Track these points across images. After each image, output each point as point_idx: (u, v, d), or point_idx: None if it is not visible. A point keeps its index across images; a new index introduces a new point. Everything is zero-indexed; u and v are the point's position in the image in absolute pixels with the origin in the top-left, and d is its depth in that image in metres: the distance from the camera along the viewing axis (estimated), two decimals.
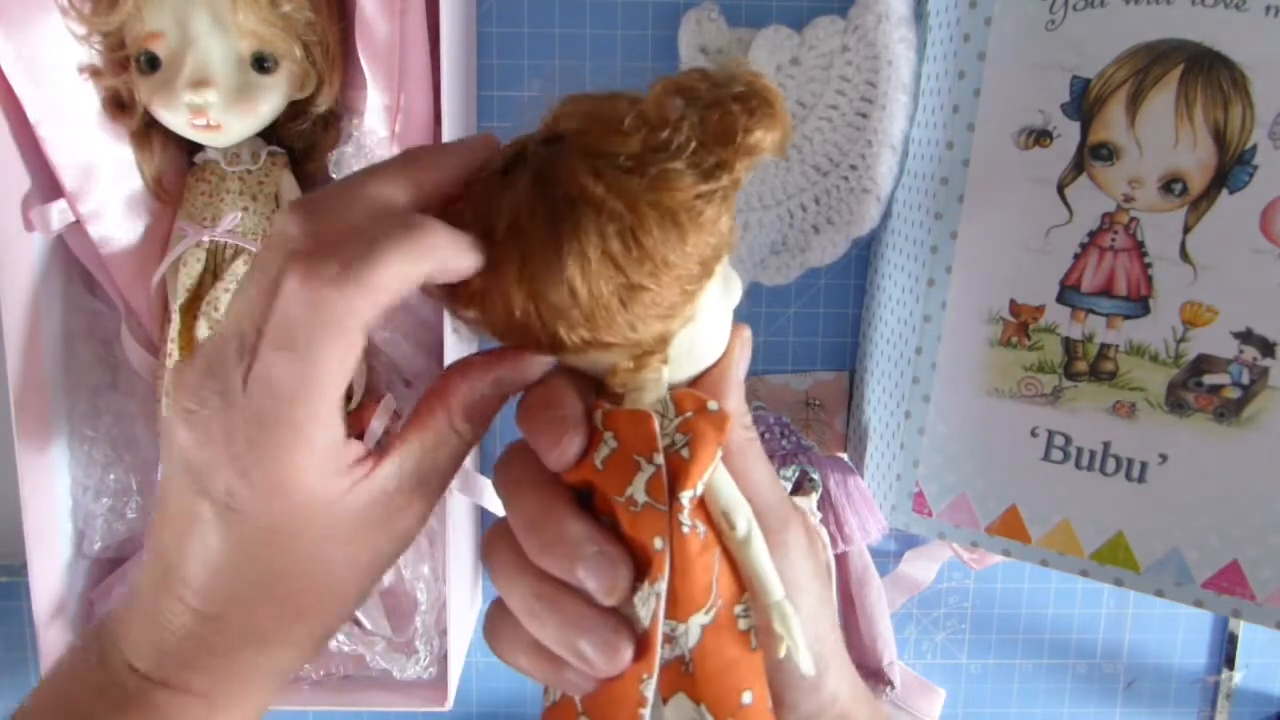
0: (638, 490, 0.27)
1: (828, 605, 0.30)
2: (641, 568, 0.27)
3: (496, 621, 0.29)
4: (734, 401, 0.29)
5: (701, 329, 0.28)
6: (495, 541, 0.29)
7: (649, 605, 0.27)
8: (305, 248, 0.25)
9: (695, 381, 0.29)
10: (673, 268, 0.26)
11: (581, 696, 0.29)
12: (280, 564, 0.27)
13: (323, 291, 0.24)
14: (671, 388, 0.28)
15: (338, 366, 0.25)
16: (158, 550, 0.28)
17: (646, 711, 0.27)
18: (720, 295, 0.29)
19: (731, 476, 0.28)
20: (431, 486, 0.29)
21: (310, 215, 0.25)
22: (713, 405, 0.28)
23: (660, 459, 0.27)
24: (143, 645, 0.28)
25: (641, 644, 0.27)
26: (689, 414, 0.28)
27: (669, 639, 0.27)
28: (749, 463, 0.29)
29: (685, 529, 0.27)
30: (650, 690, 0.27)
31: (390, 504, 0.28)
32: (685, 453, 0.27)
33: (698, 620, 0.27)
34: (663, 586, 0.27)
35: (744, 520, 0.28)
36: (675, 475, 0.27)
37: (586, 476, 0.28)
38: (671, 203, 0.25)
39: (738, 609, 0.28)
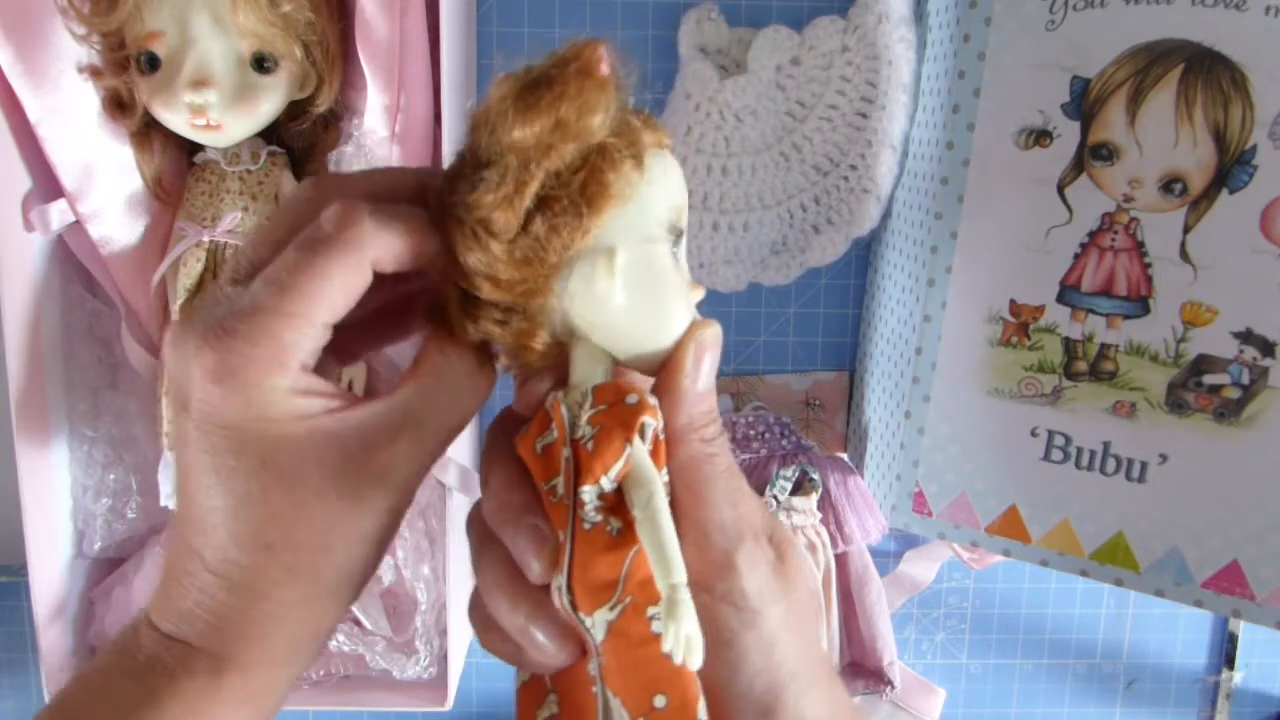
0: (559, 481, 0.27)
1: (797, 631, 0.28)
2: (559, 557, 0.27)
3: (474, 601, 0.30)
4: (685, 408, 0.27)
5: (618, 308, 0.27)
6: (472, 517, 0.30)
7: (558, 596, 0.27)
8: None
9: (654, 384, 0.28)
10: (472, 209, 0.26)
11: (550, 674, 0.29)
12: (271, 505, 0.27)
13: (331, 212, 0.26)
14: (609, 382, 0.28)
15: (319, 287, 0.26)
16: (176, 509, 0.29)
17: (597, 690, 0.27)
18: (649, 271, 0.27)
19: (684, 489, 0.27)
20: (426, 428, 0.28)
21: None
22: (631, 399, 0.27)
23: (568, 452, 0.27)
24: (165, 606, 0.29)
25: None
26: (602, 407, 0.27)
27: (586, 631, 0.27)
28: (703, 477, 0.28)
29: (587, 525, 0.27)
30: (595, 670, 0.27)
31: (370, 437, 0.27)
32: (589, 446, 0.27)
33: (602, 616, 0.26)
34: (562, 580, 0.27)
35: (641, 503, 0.26)
36: (577, 469, 0.27)
37: (529, 461, 0.28)
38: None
39: (653, 610, 0.27)
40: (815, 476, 0.59)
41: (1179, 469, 0.50)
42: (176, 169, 0.57)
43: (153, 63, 0.51)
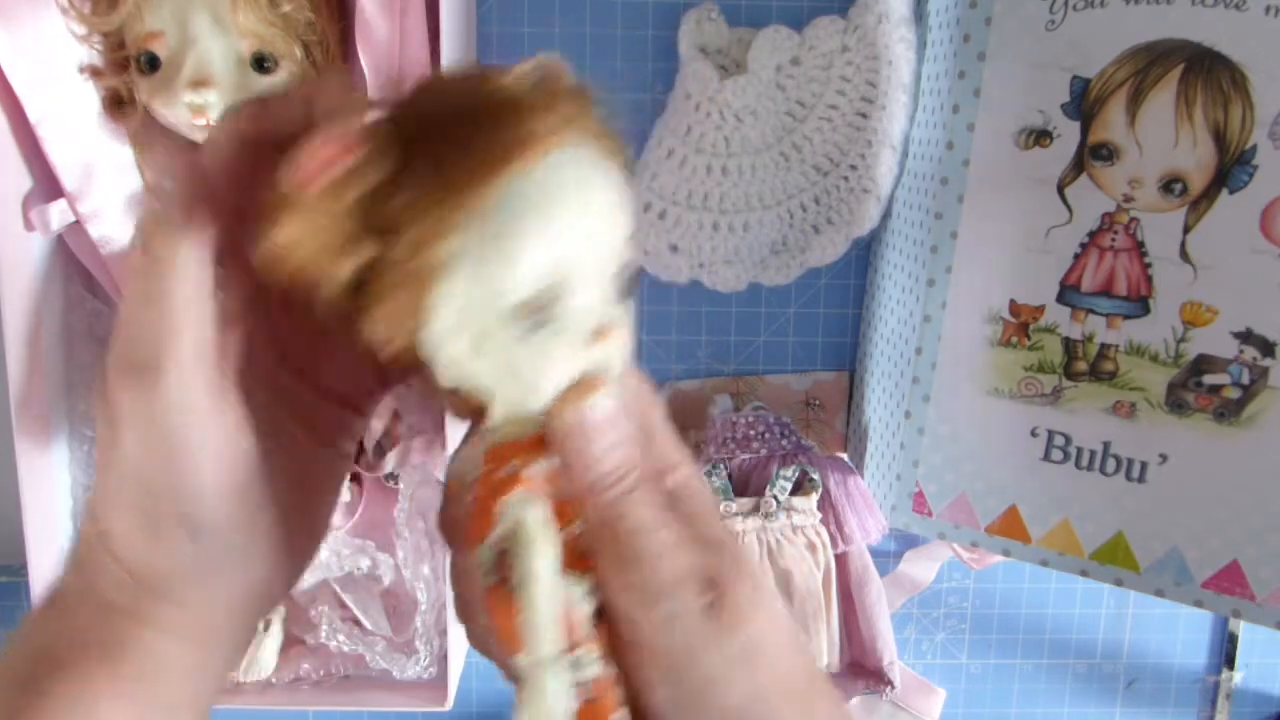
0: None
1: (747, 666, 0.26)
2: None
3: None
4: (580, 474, 0.25)
5: (478, 385, 0.25)
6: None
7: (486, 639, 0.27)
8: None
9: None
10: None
11: None
12: (152, 451, 0.25)
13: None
14: (501, 444, 0.26)
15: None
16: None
17: None
18: (496, 354, 0.24)
19: (598, 550, 0.26)
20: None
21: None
22: (507, 469, 0.25)
23: (460, 512, 0.27)
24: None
25: None
26: (485, 469, 0.26)
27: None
28: (614, 539, 0.26)
29: (486, 583, 0.26)
30: None
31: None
32: (471, 509, 0.26)
33: (520, 661, 0.26)
34: (483, 623, 0.27)
35: (516, 573, 0.25)
36: (462, 531, 0.27)
37: None
38: None
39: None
40: (815, 476, 0.59)
41: (1179, 469, 0.50)
42: None
43: (153, 63, 0.51)
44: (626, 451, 0.26)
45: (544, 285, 0.23)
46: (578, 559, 0.26)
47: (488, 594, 0.26)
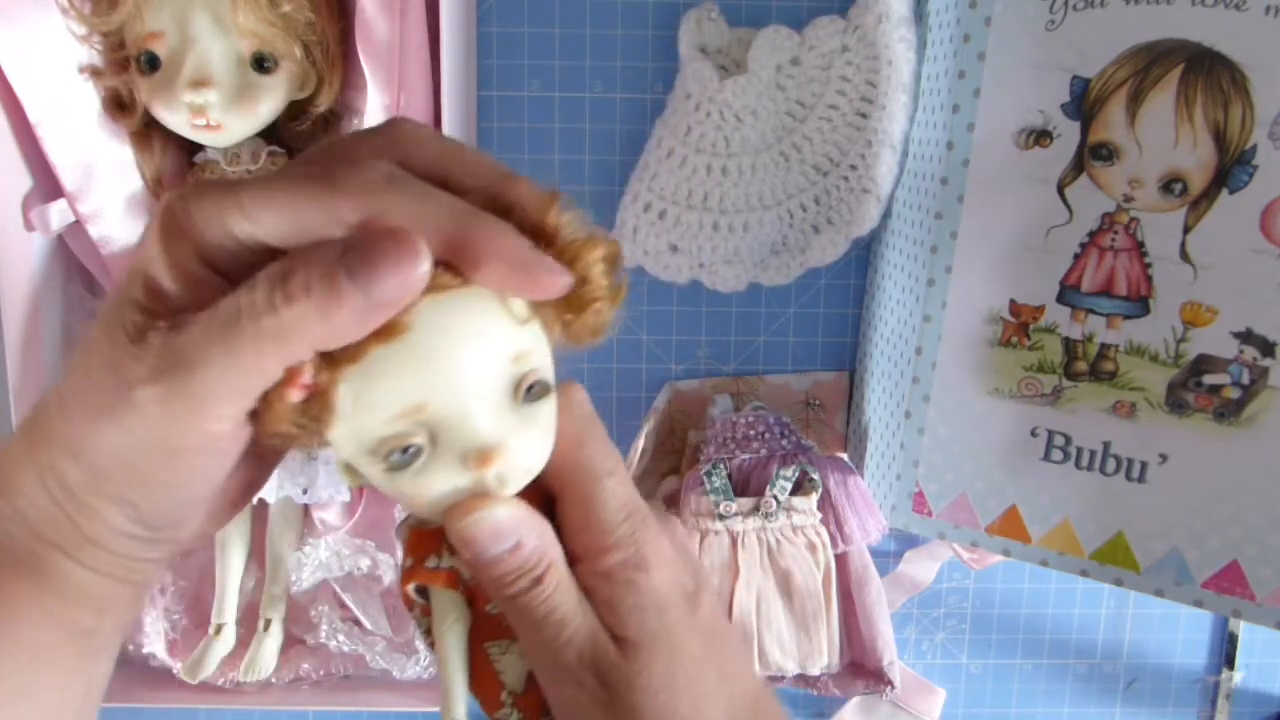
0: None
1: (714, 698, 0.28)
2: None
3: None
4: (479, 572, 0.27)
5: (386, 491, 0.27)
6: None
7: None
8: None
9: None
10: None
11: None
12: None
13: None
14: (418, 530, 0.28)
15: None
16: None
17: None
18: (383, 485, 0.26)
19: (515, 625, 0.28)
20: None
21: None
22: (407, 562, 0.28)
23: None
24: None
25: None
26: (402, 551, 0.29)
27: None
28: (514, 626, 0.28)
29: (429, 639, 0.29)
30: None
31: None
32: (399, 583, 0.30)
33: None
34: None
35: (434, 646, 0.28)
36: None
37: None
38: None
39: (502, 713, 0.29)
40: (815, 476, 0.59)
41: (1179, 469, 0.50)
42: (176, 169, 0.57)
43: (153, 63, 0.51)
44: (528, 550, 0.27)
45: (399, 429, 0.25)
46: (501, 629, 0.28)
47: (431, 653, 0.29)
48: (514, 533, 0.26)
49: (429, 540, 0.28)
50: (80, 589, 0.26)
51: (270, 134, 0.55)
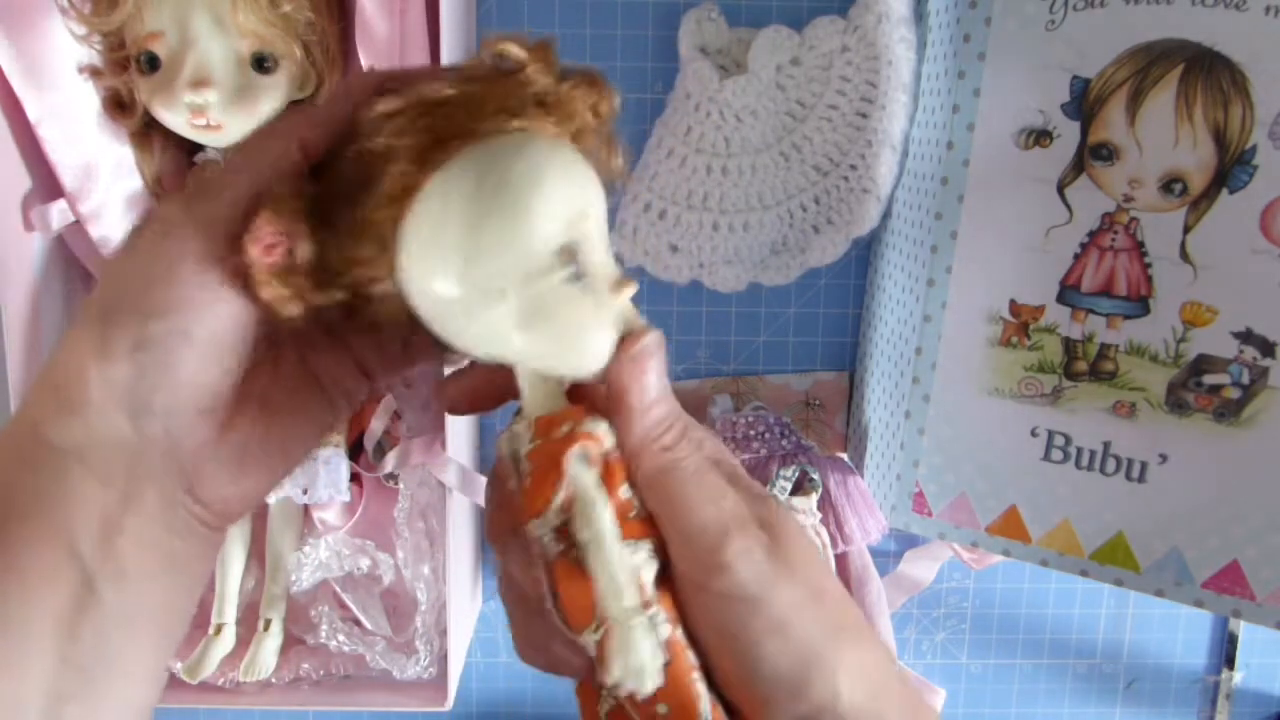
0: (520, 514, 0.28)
1: (810, 607, 0.28)
2: None
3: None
4: (635, 425, 0.27)
5: (525, 350, 0.26)
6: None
7: (553, 617, 0.27)
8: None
9: (592, 401, 0.28)
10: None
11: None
12: None
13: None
14: (547, 414, 0.27)
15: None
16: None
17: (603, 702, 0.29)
18: (542, 312, 0.25)
19: (656, 501, 0.27)
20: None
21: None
22: (561, 430, 0.26)
23: (514, 485, 0.27)
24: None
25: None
26: (538, 441, 0.27)
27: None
28: (671, 484, 0.27)
29: (551, 555, 0.27)
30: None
31: None
32: (527, 483, 0.27)
33: (590, 637, 0.26)
34: (550, 604, 0.27)
35: (580, 533, 0.26)
36: (519, 507, 0.27)
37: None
38: None
39: None
40: (815, 476, 0.59)
41: (1179, 469, 0.50)
42: (176, 169, 0.57)
43: (153, 63, 0.51)
44: (670, 402, 0.27)
45: (568, 238, 0.25)
46: (627, 525, 0.27)
47: (553, 569, 0.27)
48: (664, 375, 0.27)
49: (564, 419, 0.27)
50: (76, 496, 0.26)
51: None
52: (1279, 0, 0.45)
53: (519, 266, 0.25)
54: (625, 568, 0.26)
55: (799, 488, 0.59)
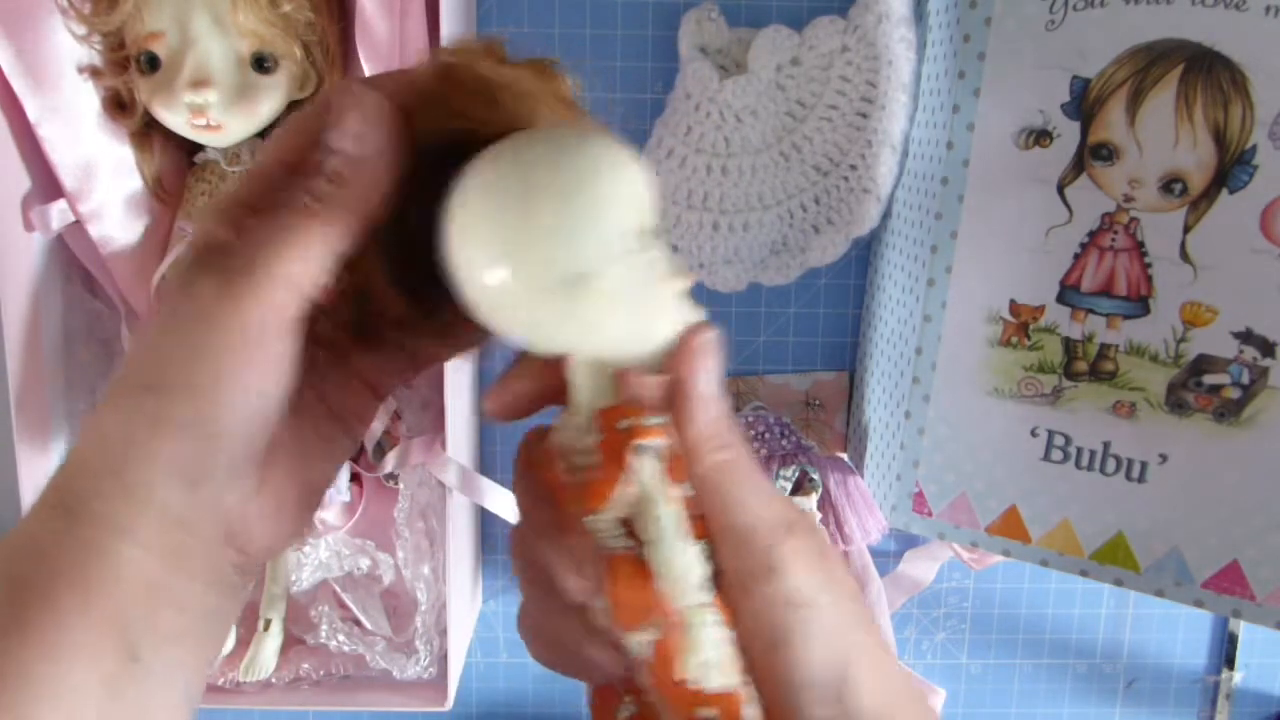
0: (577, 508, 0.27)
1: (850, 613, 0.28)
2: None
3: (521, 613, 0.30)
4: (693, 422, 0.26)
5: (595, 334, 0.26)
6: (512, 536, 0.30)
7: (603, 616, 0.27)
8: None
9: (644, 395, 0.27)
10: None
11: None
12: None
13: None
14: (609, 406, 0.27)
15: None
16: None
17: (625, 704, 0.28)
18: (618, 292, 0.25)
19: (710, 499, 0.27)
20: None
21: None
22: (624, 423, 0.26)
23: (572, 479, 0.27)
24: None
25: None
26: (600, 435, 0.26)
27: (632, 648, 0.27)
28: (726, 484, 0.27)
29: (612, 550, 0.26)
30: (643, 682, 0.27)
31: None
32: (590, 475, 0.26)
33: (643, 636, 0.26)
34: (603, 602, 0.27)
35: (645, 528, 0.26)
36: (585, 498, 0.27)
37: (554, 486, 0.28)
38: None
39: None
40: (815, 476, 0.59)
41: (1179, 469, 0.50)
42: (176, 169, 0.57)
43: (153, 63, 0.51)
44: (721, 402, 0.27)
45: (640, 222, 0.26)
46: (686, 523, 0.27)
47: (611, 564, 0.26)
48: (720, 373, 0.27)
49: (624, 413, 0.26)
50: (122, 569, 0.26)
51: (270, 133, 0.55)
52: (1279, 0, 0.45)
53: (601, 249, 0.25)
54: (695, 564, 0.26)
55: (799, 488, 0.59)
